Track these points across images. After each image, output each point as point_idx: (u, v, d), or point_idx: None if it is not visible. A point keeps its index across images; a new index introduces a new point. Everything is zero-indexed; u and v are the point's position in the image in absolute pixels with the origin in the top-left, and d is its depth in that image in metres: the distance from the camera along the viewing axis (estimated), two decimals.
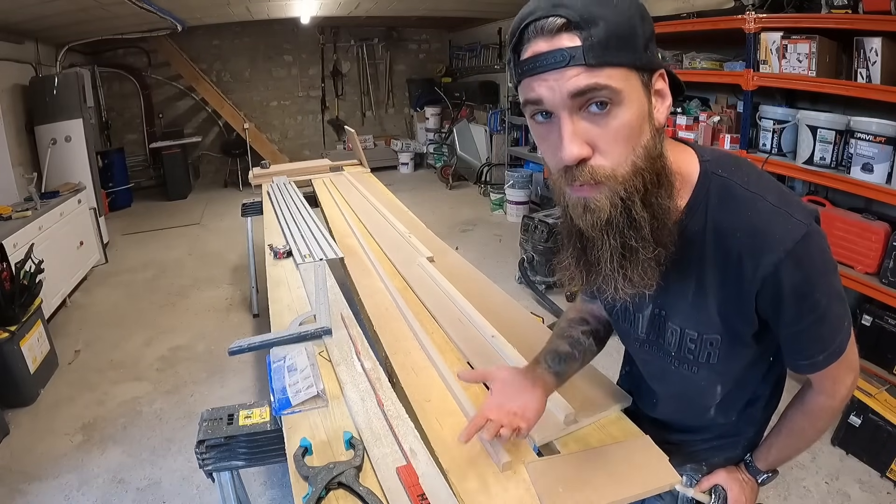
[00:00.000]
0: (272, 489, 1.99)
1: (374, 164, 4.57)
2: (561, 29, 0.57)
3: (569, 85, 0.57)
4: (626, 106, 0.59)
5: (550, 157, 0.65)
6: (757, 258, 0.66)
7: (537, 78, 0.59)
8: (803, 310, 0.68)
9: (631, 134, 0.60)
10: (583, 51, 0.56)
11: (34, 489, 2.02)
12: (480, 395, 1.10)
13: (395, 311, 1.50)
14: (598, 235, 0.64)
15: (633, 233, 0.63)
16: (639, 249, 0.63)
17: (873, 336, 2.17)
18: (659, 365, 0.87)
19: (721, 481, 0.88)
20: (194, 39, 6.59)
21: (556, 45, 0.57)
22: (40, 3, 3.51)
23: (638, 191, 0.61)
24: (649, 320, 0.83)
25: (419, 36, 7.94)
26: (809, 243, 0.65)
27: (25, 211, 3.34)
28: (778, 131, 2.49)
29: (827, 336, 0.71)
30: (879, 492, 1.89)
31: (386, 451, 0.94)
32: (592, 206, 0.62)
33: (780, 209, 0.65)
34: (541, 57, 0.58)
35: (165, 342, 3.11)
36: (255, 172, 3.71)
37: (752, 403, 0.89)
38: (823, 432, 0.84)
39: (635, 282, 0.65)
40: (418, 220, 2.43)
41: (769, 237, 0.65)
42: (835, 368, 0.74)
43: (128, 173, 6.20)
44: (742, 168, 0.70)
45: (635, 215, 0.62)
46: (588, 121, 0.59)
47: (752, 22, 2.42)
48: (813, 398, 0.80)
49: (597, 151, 0.60)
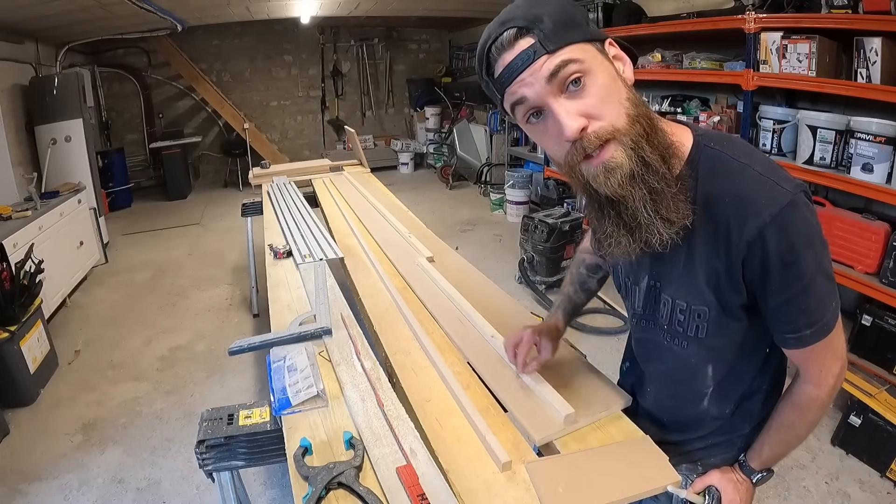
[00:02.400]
0: (272, 489, 1.99)
1: (374, 164, 4.57)
2: (516, 37, 0.66)
3: (542, 72, 0.65)
4: (596, 72, 0.67)
5: (555, 147, 0.71)
6: (743, 223, 0.68)
7: (515, 82, 0.68)
8: (789, 278, 0.69)
9: (611, 93, 0.67)
10: (540, 43, 0.65)
11: (34, 489, 2.02)
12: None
13: (395, 311, 1.50)
14: (627, 192, 0.68)
15: (653, 175, 0.67)
16: (663, 188, 0.68)
17: (873, 336, 2.17)
18: (653, 341, 0.89)
19: (715, 482, 0.88)
20: (194, 39, 6.59)
21: (519, 50, 0.66)
22: (40, 3, 3.51)
23: (641, 136, 0.67)
24: (645, 293, 0.86)
25: (419, 36, 7.94)
26: (795, 211, 0.67)
27: (25, 211, 3.34)
28: (778, 131, 2.49)
29: (814, 308, 0.72)
30: (879, 492, 1.89)
31: (386, 451, 0.94)
32: (612, 166, 0.67)
33: (766, 178, 0.68)
34: (510, 64, 0.67)
35: (165, 342, 3.11)
36: (255, 172, 3.71)
37: (748, 397, 0.89)
38: (813, 426, 0.84)
39: (673, 219, 0.69)
40: (418, 220, 2.43)
41: (755, 203, 0.68)
42: (822, 351, 0.75)
43: (128, 173, 6.19)
44: (734, 143, 0.74)
45: (647, 158, 0.67)
46: (572, 98, 0.67)
47: (752, 22, 2.42)
48: (801, 388, 0.81)
49: (592, 119, 0.66)
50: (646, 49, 3.22)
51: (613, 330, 3.03)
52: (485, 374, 1.16)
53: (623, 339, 2.84)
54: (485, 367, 1.18)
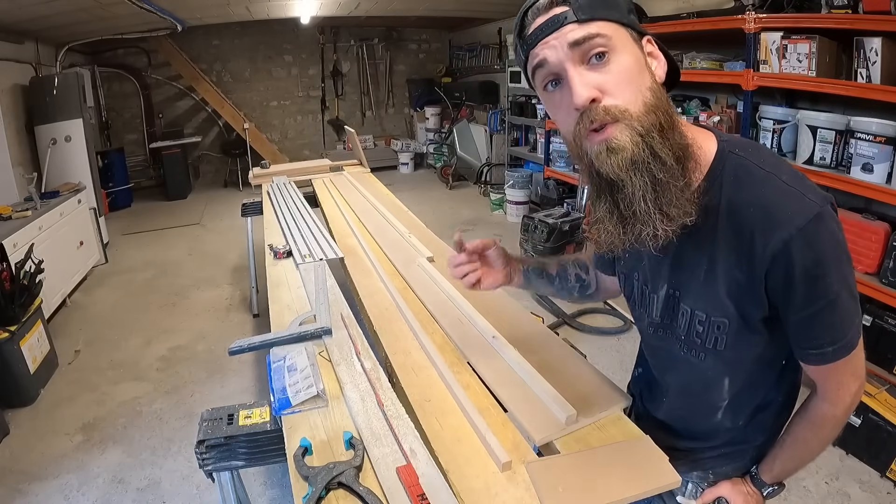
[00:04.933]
0: (272, 489, 1.99)
1: (374, 164, 4.57)
2: (552, 3, 0.66)
3: (567, 38, 0.65)
4: (622, 52, 0.65)
5: (565, 118, 0.69)
6: (768, 234, 0.66)
7: (541, 44, 0.67)
8: (814, 293, 0.67)
9: (633, 77, 0.65)
10: (573, 11, 0.65)
11: (34, 489, 2.02)
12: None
13: (395, 311, 1.50)
14: (627, 176, 0.65)
15: (659, 165, 0.64)
16: (668, 182, 0.65)
17: (873, 336, 2.17)
18: (668, 352, 0.86)
19: (725, 493, 0.87)
20: (194, 39, 6.59)
21: (551, 14, 0.66)
22: (40, 3, 3.51)
23: (654, 126, 0.64)
24: (664, 302, 0.82)
25: (419, 36, 7.94)
26: (821, 224, 0.64)
27: (25, 211, 3.34)
28: (778, 131, 2.49)
29: (838, 326, 0.69)
30: (879, 492, 1.89)
31: (386, 451, 0.94)
32: (615, 146, 0.64)
33: (793, 188, 0.66)
34: (540, 26, 0.67)
35: (165, 342, 3.11)
36: (255, 172, 3.71)
37: (762, 409, 0.87)
38: (827, 443, 0.83)
39: (672, 215, 0.65)
40: (418, 220, 2.43)
41: (781, 214, 0.65)
42: (842, 369, 0.72)
43: (128, 173, 6.20)
44: (759, 150, 0.72)
45: (657, 149, 0.64)
46: (593, 70, 0.65)
47: (752, 22, 2.42)
48: (817, 406, 0.79)
49: (606, 94, 0.65)
50: None
51: (613, 330, 3.03)
52: (485, 374, 1.15)
53: (623, 340, 2.87)
54: (485, 367, 1.17)
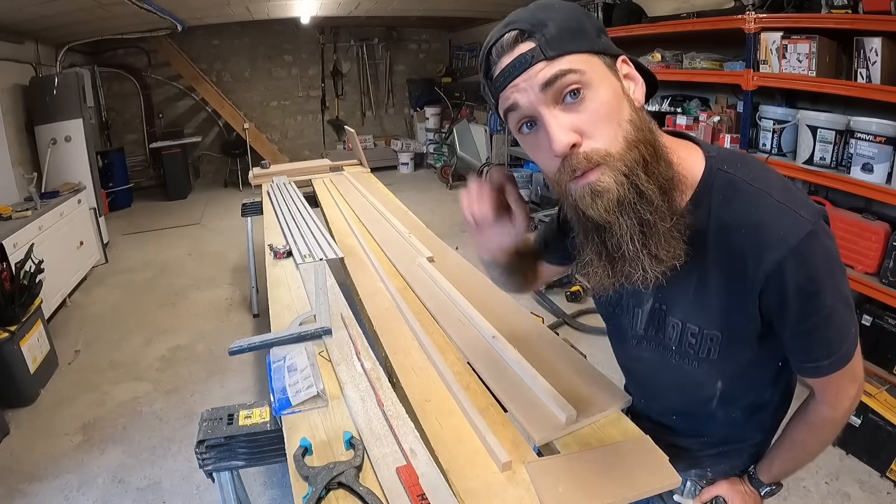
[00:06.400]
0: (272, 489, 1.99)
1: (374, 164, 4.57)
2: (517, 40, 0.63)
3: (538, 79, 0.61)
4: (598, 87, 0.62)
5: (546, 160, 0.66)
6: (760, 255, 0.65)
7: (510, 87, 0.63)
8: (808, 310, 0.66)
9: (611, 112, 0.62)
10: (540, 48, 0.61)
11: (34, 489, 2.02)
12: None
13: (395, 311, 1.50)
14: (613, 219, 0.63)
15: (646, 206, 0.62)
16: (656, 222, 0.63)
17: (873, 336, 2.17)
18: (656, 361, 0.85)
19: (723, 493, 0.87)
20: (194, 39, 6.59)
21: (517, 53, 0.62)
22: (40, 3, 3.51)
23: (638, 163, 0.62)
24: (649, 315, 0.82)
25: (419, 36, 7.94)
26: (814, 241, 0.63)
27: (25, 211, 3.34)
28: (778, 131, 2.49)
29: (833, 340, 0.69)
30: (879, 492, 1.89)
31: (386, 451, 0.94)
32: (599, 189, 0.62)
33: (785, 205, 0.64)
34: (507, 67, 0.63)
35: (165, 342, 3.11)
36: (255, 172, 3.71)
37: (760, 409, 0.87)
38: (826, 445, 0.83)
39: (661, 256, 0.64)
40: (418, 220, 2.43)
41: (773, 234, 0.64)
42: (839, 377, 0.72)
43: (128, 173, 6.20)
44: (748, 163, 0.70)
45: (642, 188, 0.62)
46: (568, 111, 0.62)
47: (752, 22, 2.42)
48: (815, 409, 0.79)
49: (585, 137, 0.62)
50: (646, 49, 3.22)
51: None
52: (485, 375, 1.16)
53: None
54: (485, 368, 1.18)
